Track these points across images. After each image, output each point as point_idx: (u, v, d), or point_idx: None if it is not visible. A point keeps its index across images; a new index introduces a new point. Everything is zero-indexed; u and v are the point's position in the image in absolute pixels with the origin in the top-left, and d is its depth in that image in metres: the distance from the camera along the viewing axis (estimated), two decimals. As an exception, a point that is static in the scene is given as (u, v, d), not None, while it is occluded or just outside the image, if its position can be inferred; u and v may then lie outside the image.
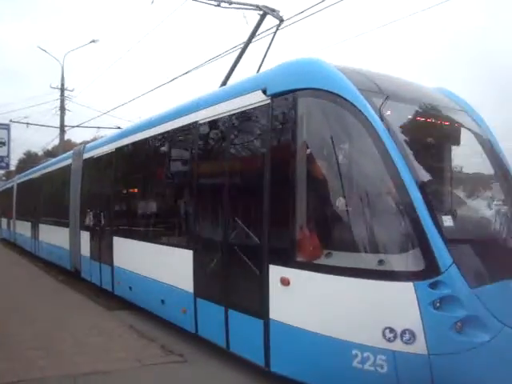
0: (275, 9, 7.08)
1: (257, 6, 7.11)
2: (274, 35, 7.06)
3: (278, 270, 4.67)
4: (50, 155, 27.16)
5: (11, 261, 17.40)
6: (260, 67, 7.08)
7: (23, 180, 20.51)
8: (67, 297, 10.15)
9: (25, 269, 14.95)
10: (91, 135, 28.47)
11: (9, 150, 21.08)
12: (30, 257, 17.33)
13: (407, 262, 3.93)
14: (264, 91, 4.95)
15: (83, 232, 10.79)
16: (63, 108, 25.79)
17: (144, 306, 7.71)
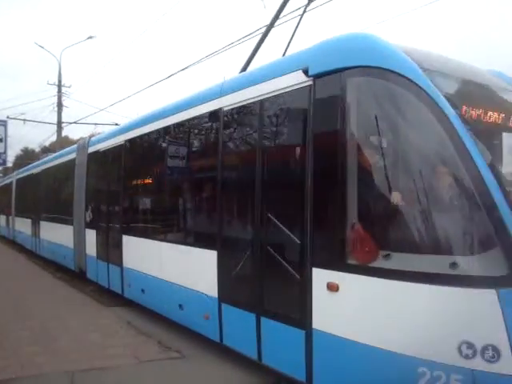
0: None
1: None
2: (302, 16, 6.48)
3: (324, 274, 4.10)
4: (48, 152, 26.62)
5: (8, 258, 17.20)
6: (285, 51, 6.51)
7: (23, 176, 19.75)
8: (64, 293, 10.13)
9: (22, 265, 14.89)
10: (89, 132, 28.20)
11: (6, 147, 20.80)
12: (28, 254, 17.11)
13: (487, 265, 3.36)
14: (305, 71, 4.36)
15: (89, 230, 10.21)
16: (60, 104, 25.71)
17: (158, 311, 7.14)
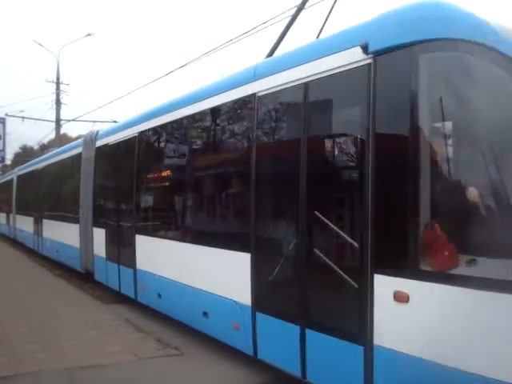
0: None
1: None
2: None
3: (390, 282, 3.52)
4: (46, 149, 26.22)
5: (8, 256, 16.91)
6: (319, 34, 5.93)
7: (24, 172, 19.03)
8: (63, 291, 10.09)
9: (21, 263, 14.83)
10: (87, 129, 27.82)
11: (4, 144, 20.84)
12: (27, 252, 16.87)
13: None
14: (364, 47, 3.76)
15: (97, 229, 9.58)
16: (59, 102, 25.57)
17: (178, 318, 6.54)
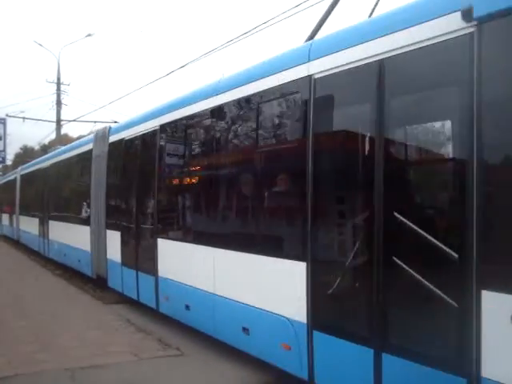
0: None
1: None
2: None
3: (506, 301, 2.84)
4: (47, 150, 25.75)
5: (9, 257, 16.62)
6: (372, 13, 5.25)
7: (28, 171, 18.17)
8: (64, 291, 10.04)
9: (22, 263, 14.68)
10: (88, 130, 27.29)
11: (5, 145, 20.68)
12: (29, 252, 16.66)
13: None
14: (466, 13, 3.09)
15: (111, 231, 8.85)
16: (59, 102, 25.42)
17: (210, 333, 5.80)
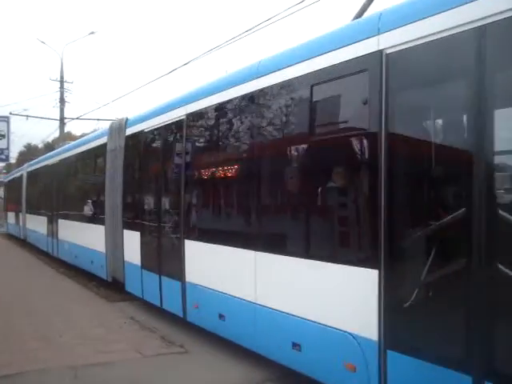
0: None
1: None
2: None
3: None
4: (51, 148, 26.51)
5: (12, 254, 16.87)
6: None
7: (36, 167, 17.39)
8: (68, 288, 10.09)
9: (26, 261, 14.78)
10: (91, 127, 28.22)
11: (8, 143, 20.87)
12: (33, 249, 16.75)
13: None
14: None
15: (129, 232, 8.26)
16: (63, 100, 25.95)
17: (249, 346, 5.17)
